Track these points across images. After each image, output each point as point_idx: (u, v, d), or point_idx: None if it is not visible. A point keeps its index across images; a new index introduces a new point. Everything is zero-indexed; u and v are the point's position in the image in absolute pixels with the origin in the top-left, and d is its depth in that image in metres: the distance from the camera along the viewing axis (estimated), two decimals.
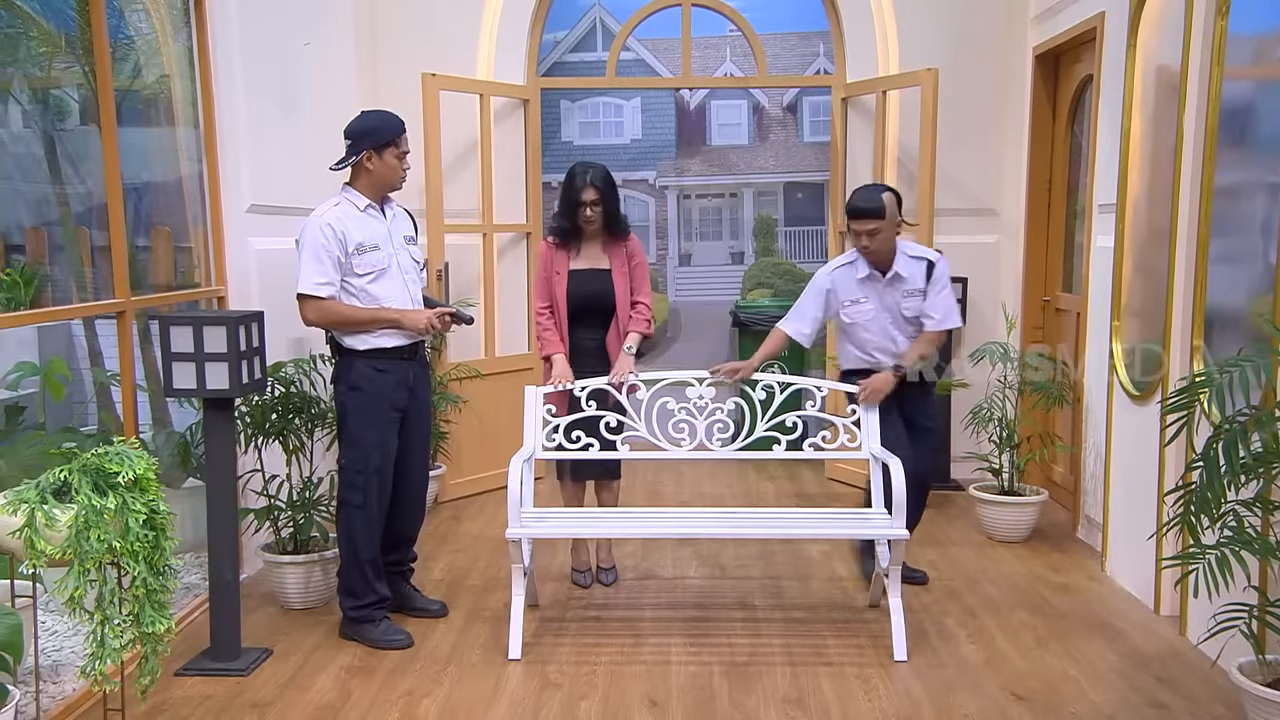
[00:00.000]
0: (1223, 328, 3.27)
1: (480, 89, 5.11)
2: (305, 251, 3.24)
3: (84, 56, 3.39)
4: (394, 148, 3.30)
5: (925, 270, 3.66)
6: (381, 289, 3.32)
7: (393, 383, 3.36)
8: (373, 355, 3.32)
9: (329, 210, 3.28)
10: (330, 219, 3.24)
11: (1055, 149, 5.05)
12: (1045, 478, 5.01)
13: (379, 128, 3.28)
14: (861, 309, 3.70)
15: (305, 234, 3.26)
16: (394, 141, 3.30)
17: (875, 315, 3.69)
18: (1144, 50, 3.84)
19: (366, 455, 3.33)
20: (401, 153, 3.33)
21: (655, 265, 12.33)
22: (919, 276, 3.66)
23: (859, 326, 3.73)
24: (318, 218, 3.25)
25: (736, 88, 11.84)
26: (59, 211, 3.77)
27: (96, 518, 2.38)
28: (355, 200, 3.32)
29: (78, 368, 4.06)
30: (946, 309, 3.67)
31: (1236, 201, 3.21)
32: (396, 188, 3.39)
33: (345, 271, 3.27)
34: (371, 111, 3.40)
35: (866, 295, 3.69)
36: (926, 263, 3.68)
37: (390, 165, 3.31)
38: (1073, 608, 3.68)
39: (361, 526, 3.35)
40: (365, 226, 3.30)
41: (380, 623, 3.39)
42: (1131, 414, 3.85)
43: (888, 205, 3.57)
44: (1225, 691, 2.94)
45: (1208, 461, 2.58)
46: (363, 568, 3.37)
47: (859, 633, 3.46)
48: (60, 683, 3.03)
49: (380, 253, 3.32)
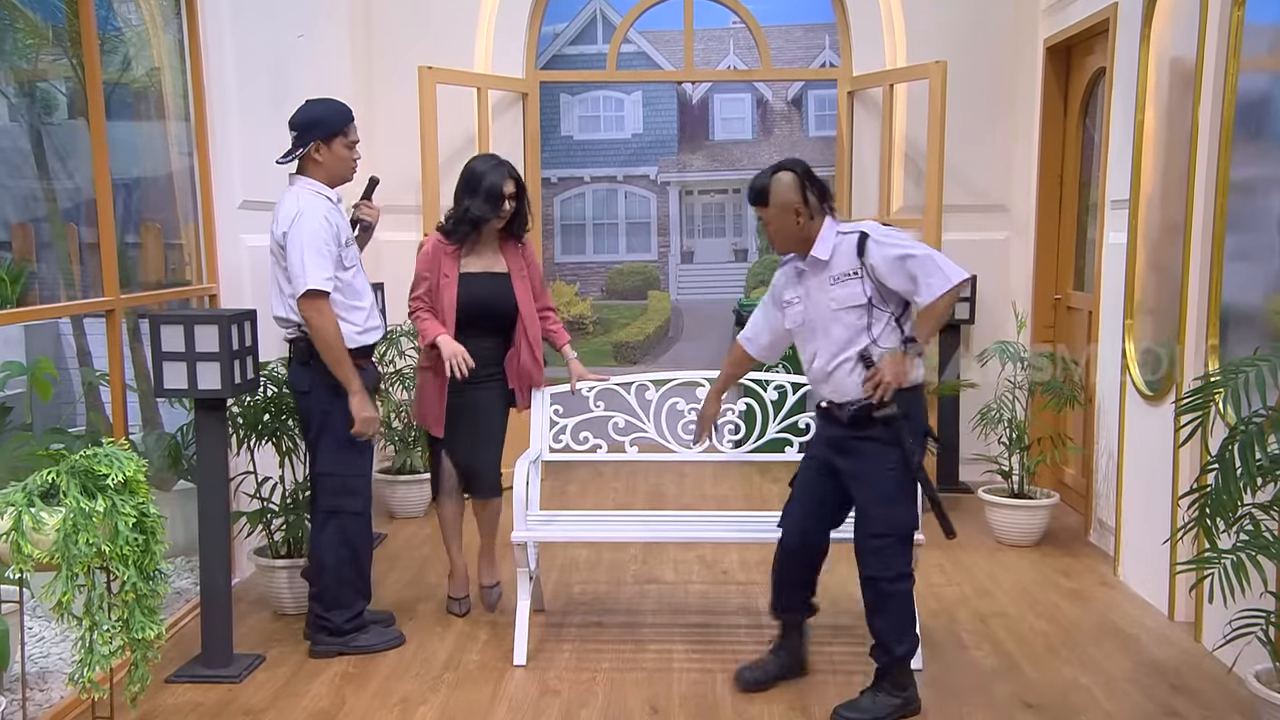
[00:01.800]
0: (1239, 326, 3.23)
1: (478, 82, 5.04)
2: (308, 246, 3.05)
3: (72, 48, 3.36)
4: (343, 137, 3.17)
5: (856, 245, 2.78)
6: (359, 281, 3.25)
7: (369, 384, 3.27)
8: (354, 354, 3.19)
9: (318, 201, 3.13)
10: (324, 211, 3.11)
11: (1067, 143, 4.99)
12: (1056, 480, 4.94)
13: (326, 118, 3.16)
14: (794, 311, 2.92)
15: (303, 227, 3.07)
16: (342, 131, 3.17)
17: (803, 320, 2.88)
18: (1158, 41, 3.79)
19: (365, 461, 3.26)
20: (351, 142, 3.20)
21: (656, 262, 12.27)
22: (847, 256, 2.78)
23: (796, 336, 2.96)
24: (312, 210, 3.09)
25: (740, 81, 11.77)
26: (46, 207, 3.72)
27: (85, 521, 2.36)
28: (326, 193, 3.18)
29: (65, 367, 4.02)
30: (928, 268, 2.70)
31: (1253, 196, 3.16)
32: (348, 179, 3.25)
33: (337, 266, 3.17)
34: (317, 101, 3.23)
35: (799, 295, 2.91)
36: (858, 235, 2.79)
37: (340, 156, 3.18)
38: (1085, 614, 3.63)
39: (358, 534, 3.28)
40: (342, 219, 3.23)
41: (369, 628, 3.32)
42: (1145, 415, 3.78)
43: (776, 189, 2.81)
44: (1242, 700, 2.89)
45: (1223, 464, 2.55)
46: (361, 577, 3.29)
47: (867, 639, 3.38)
48: (48, 690, 3.00)
49: (354, 246, 3.28)
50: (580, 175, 12.04)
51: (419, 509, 4.84)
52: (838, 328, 2.80)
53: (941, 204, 4.78)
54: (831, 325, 2.81)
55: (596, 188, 12.19)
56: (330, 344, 3.08)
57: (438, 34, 5.11)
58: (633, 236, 12.25)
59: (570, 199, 12.15)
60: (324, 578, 3.26)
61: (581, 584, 3.95)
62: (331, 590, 3.26)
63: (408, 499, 4.83)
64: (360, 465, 3.27)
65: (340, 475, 3.24)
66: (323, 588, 3.27)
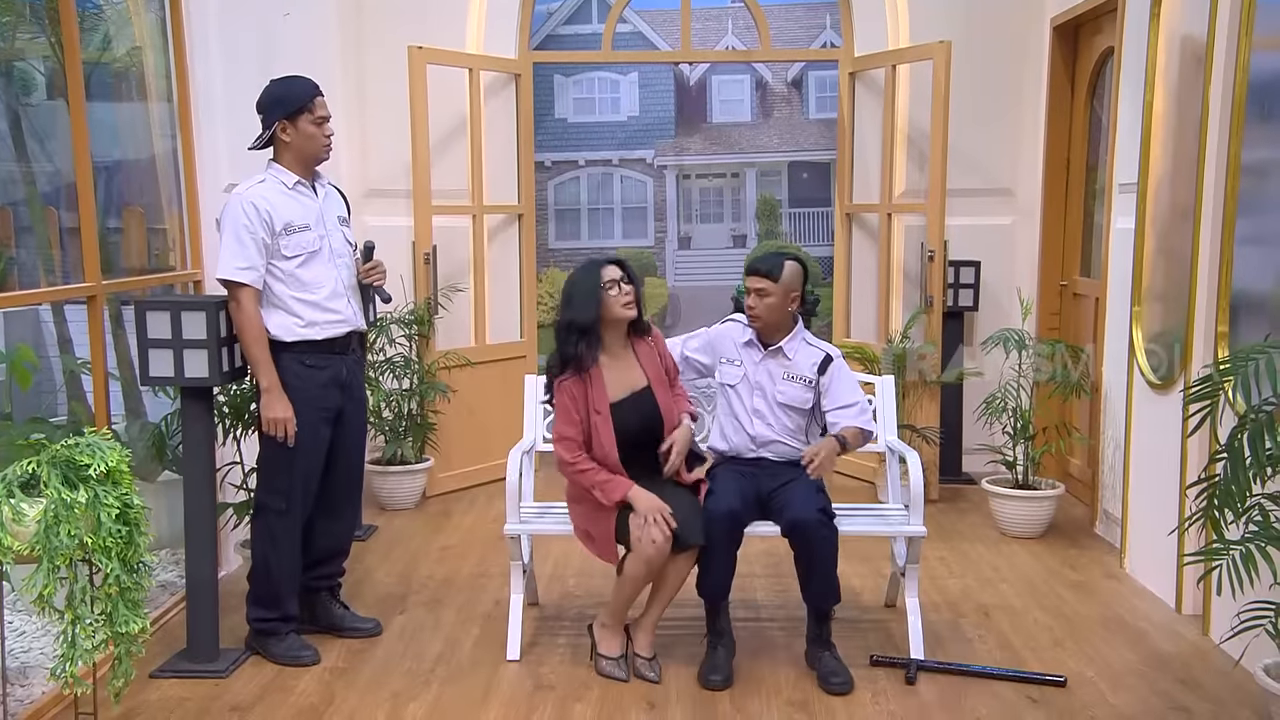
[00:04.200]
0: (1249, 313, 3.19)
1: (470, 63, 4.95)
2: (226, 233, 2.96)
3: (50, 27, 3.31)
4: (307, 114, 3.02)
5: (820, 362, 3.14)
6: (310, 273, 3.05)
7: (323, 380, 3.10)
8: (300, 349, 3.05)
9: (253, 187, 3.01)
10: (253, 197, 2.98)
11: (1074, 125, 4.92)
12: (1062, 470, 4.89)
13: (286, 95, 3.03)
14: (733, 371, 3.20)
15: (226, 214, 2.97)
16: (306, 107, 3.02)
17: (742, 383, 3.18)
18: (1167, 20, 3.73)
19: (292, 459, 3.07)
20: (318, 118, 3.04)
21: (654, 249, 12.19)
22: (808, 365, 3.14)
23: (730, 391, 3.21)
24: (239, 195, 2.98)
25: (739, 62, 11.65)
26: (25, 191, 3.65)
27: (67, 512, 2.32)
28: (283, 177, 3.06)
29: (46, 355, 3.96)
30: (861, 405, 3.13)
31: (1265, 179, 3.12)
32: (322, 158, 3.12)
33: (271, 254, 3.00)
34: (279, 79, 3.10)
35: (741, 360, 3.20)
36: (824, 355, 3.16)
37: (308, 133, 3.03)
38: (1090, 606, 3.58)
39: (282, 534, 3.13)
40: (294, 205, 3.04)
41: (286, 637, 3.17)
42: (1152, 403, 3.73)
43: (785, 271, 3.09)
44: (1251, 695, 2.85)
45: (1232, 453, 2.51)
46: (277, 579, 3.15)
47: (868, 632, 3.36)
48: (29, 685, 2.96)
49: (310, 234, 3.06)
50: (575, 159, 11.94)
51: (410, 501, 4.78)
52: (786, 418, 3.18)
53: (945, 188, 4.71)
54: (779, 412, 3.18)
55: (592, 171, 12.09)
56: (242, 334, 2.99)
57: (428, 13, 5.01)
58: (629, 222, 12.16)
59: (565, 183, 12.05)
60: (252, 571, 3.21)
61: (576, 577, 3.89)
62: (255, 585, 3.19)
63: (398, 490, 4.75)
64: (282, 463, 3.08)
65: (265, 471, 3.14)
66: (249, 577, 3.22)
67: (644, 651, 3.07)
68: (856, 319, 5.33)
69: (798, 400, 3.15)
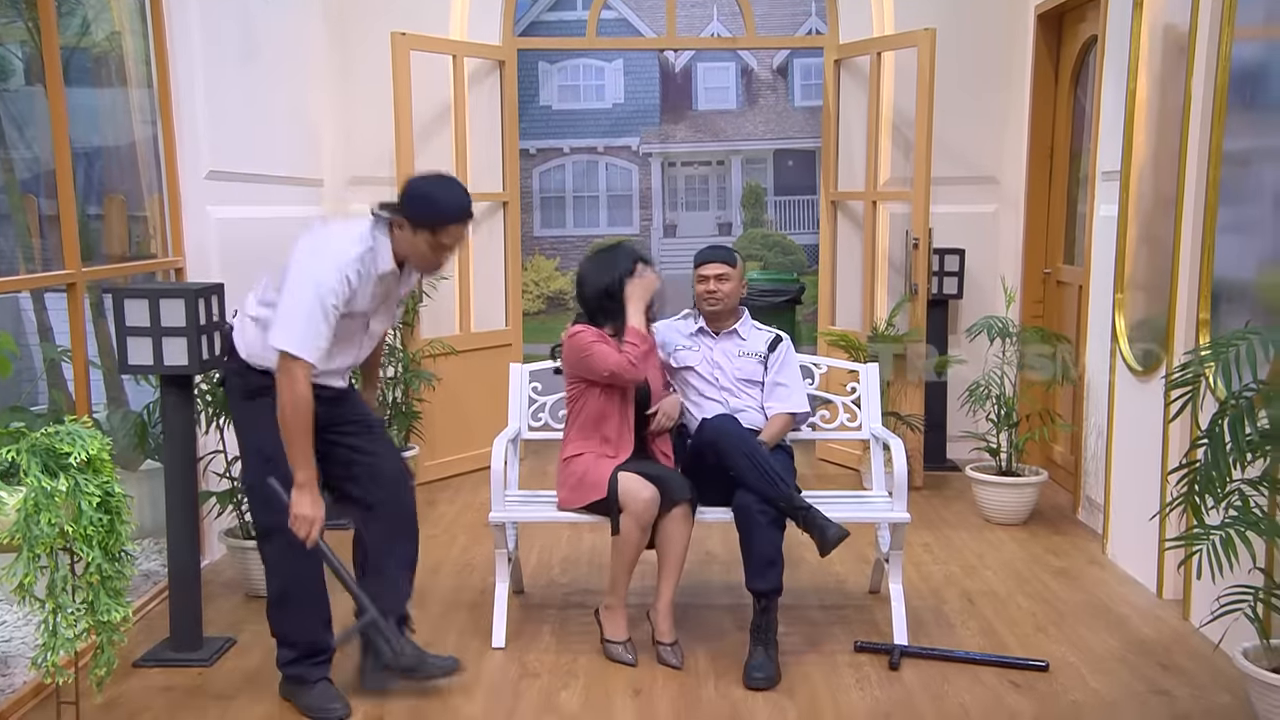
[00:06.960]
0: (1230, 300, 3.19)
1: (453, 49, 4.91)
2: (307, 297, 2.54)
3: (27, 10, 3.26)
4: (429, 234, 2.66)
5: (771, 340, 3.37)
6: (336, 346, 2.68)
7: None
8: None
9: (356, 252, 2.63)
10: (351, 269, 2.60)
11: (1058, 113, 4.92)
12: (1045, 457, 4.91)
13: (426, 205, 2.65)
14: (691, 354, 3.35)
15: (316, 273, 2.56)
16: (433, 228, 2.66)
17: (702, 364, 3.33)
18: (1150, 9, 3.73)
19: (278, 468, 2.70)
20: (439, 244, 2.67)
21: (639, 236, 12.14)
22: (761, 343, 3.36)
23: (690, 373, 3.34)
24: (340, 263, 2.58)
25: (724, 49, 11.60)
26: (4, 178, 3.59)
27: (47, 500, 2.29)
28: (384, 258, 2.69)
29: (26, 343, 3.91)
30: (799, 386, 3.35)
31: (1246, 168, 3.12)
32: (423, 272, 2.83)
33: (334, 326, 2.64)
34: (443, 181, 2.73)
35: (694, 346, 3.37)
36: (774, 335, 3.39)
37: (418, 249, 2.68)
38: (1073, 592, 3.60)
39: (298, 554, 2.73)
40: (373, 291, 2.71)
41: (316, 685, 2.81)
42: (1135, 390, 3.75)
43: (738, 259, 3.34)
44: (1230, 678, 2.88)
45: (1213, 439, 2.52)
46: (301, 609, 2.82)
47: (851, 619, 3.37)
48: (10, 675, 2.94)
49: (361, 319, 2.76)
50: (560, 146, 11.87)
51: None
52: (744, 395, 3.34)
53: (930, 176, 4.71)
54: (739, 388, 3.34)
55: (576, 159, 12.02)
56: (287, 412, 2.59)
57: None
58: (614, 209, 12.11)
59: (549, 171, 11.99)
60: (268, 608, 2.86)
61: (561, 565, 3.89)
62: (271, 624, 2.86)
63: None
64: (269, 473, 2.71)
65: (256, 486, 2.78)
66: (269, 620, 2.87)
67: (664, 637, 3.07)
68: (842, 307, 5.34)
69: (757, 375, 3.36)
